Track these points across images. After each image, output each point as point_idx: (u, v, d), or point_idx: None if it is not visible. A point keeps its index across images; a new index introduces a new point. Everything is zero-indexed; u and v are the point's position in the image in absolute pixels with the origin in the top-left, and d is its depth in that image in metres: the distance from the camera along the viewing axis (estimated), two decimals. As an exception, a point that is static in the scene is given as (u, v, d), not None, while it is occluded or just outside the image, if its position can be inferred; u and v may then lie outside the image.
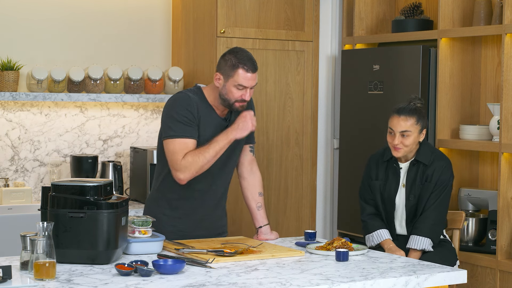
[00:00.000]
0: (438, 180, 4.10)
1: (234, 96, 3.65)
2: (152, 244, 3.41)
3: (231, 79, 3.63)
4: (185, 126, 3.61)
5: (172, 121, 3.63)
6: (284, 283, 2.93)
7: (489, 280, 4.60)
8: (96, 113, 5.24)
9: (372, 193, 4.24)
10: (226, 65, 3.65)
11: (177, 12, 5.44)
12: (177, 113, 3.63)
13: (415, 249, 4.06)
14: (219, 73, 3.67)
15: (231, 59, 3.64)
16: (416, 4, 5.21)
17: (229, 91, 3.64)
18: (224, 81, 3.65)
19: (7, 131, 4.99)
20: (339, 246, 3.52)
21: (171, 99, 3.73)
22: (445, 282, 3.18)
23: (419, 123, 4.09)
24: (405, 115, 4.08)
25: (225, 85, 3.65)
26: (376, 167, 4.23)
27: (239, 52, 3.67)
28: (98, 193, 3.17)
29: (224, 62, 3.66)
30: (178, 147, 3.60)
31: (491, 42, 4.94)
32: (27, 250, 3.03)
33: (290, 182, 5.38)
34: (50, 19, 5.11)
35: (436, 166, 4.12)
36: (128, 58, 5.34)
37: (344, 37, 5.53)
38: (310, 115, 5.42)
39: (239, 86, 3.63)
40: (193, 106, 3.65)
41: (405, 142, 4.08)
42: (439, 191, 4.10)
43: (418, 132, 4.10)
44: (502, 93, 4.51)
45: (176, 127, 3.61)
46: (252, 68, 3.65)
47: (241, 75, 3.62)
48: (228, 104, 3.68)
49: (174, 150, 3.60)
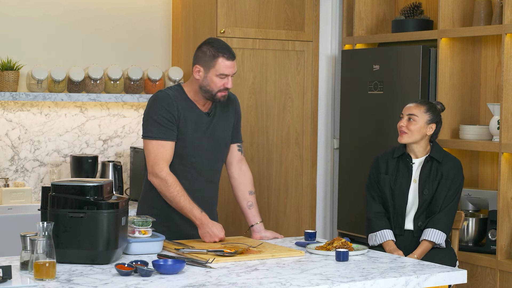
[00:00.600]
0: (454, 178, 4.17)
1: (216, 86, 3.66)
2: (152, 244, 3.41)
3: (212, 69, 3.65)
4: (162, 128, 3.64)
5: (151, 121, 3.66)
6: (284, 283, 2.93)
7: (489, 280, 4.60)
8: (96, 113, 5.24)
9: (381, 188, 4.25)
10: (205, 56, 3.66)
11: (177, 12, 5.44)
12: (156, 114, 3.65)
13: (429, 241, 4.08)
14: (198, 65, 3.68)
15: (209, 49, 3.66)
16: (416, 4, 5.21)
17: (211, 81, 3.66)
18: (204, 72, 3.67)
19: (7, 131, 4.99)
20: (339, 246, 3.52)
21: (151, 99, 3.73)
22: (445, 282, 3.18)
23: (429, 113, 4.21)
24: (417, 103, 4.26)
25: (206, 76, 3.67)
26: (386, 163, 4.28)
27: (215, 42, 3.69)
28: (98, 193, 3.17)
29: (203, 54, 3.68)
30: (155, 149, 3.65)
31: (491, 42, 4.94)
32: (27, 250, 3.03)
33: (290, 182, 5.38)
34: (50, 19, 5.11)
35: (450, 165, 4.20)
36: (128, 58, 5.34)
37: (344, 37, 5.53)
38: (310, 115, 5.42)
39: (221, 75, 3.65)
40: (173, 104, 3.66)
41: (410, 126, 4.18)
42: (455, 190, 4.18)
43: (426, 123, 4.18)
44: (502, 93, 4.51)
45: (154, 128, 3.64)
46: (231, 56, 3.67)
47: (222, 64, 3.64)
48: (211, 95, 3.69)
49: (150, 151, 3.66)
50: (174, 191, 3.64)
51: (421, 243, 4.12)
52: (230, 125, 3.86)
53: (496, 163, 4.91)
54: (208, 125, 3.76)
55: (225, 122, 3.84)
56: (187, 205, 3.64)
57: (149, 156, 3.67)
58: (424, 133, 4.19)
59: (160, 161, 3.64)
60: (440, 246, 4.13)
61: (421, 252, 4.09)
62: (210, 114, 3.77)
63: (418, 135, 4.18)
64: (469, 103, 4.99)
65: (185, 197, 3.65)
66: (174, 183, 3.64)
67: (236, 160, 3.94)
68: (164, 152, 3.65)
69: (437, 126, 4.22)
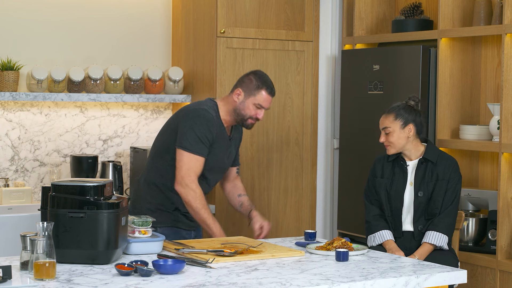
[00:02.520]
0: (450, 178, 4.14)
1: (250, 113, 3.98)
2: (152, 244, 3.41)
3: (253, 97, 3.97)
4: (201, 145, 3.89)
5: (193, 135, 3.89)
6: (284, 283, 2.93)
7: (489, 280, 4.60)
8: (96, 113, 5.24)
9: (377, 191, 4.25)
10: (250, 84, 3.98)
11: (177, 12, 5.44)
12: (199, 130, 3.90)
13: (430, 243, 4.07)
14: (240, 89, 3.98)
15: (256, 79, 3.98)
16: (416, 4, 5.21)
17: (247, 108, 3.97)
18: (244, 97, 3.96)
19: (7, 131, 4.99)
20: (339, 246, 3.52)
21: (194, 113, 3.95)
22: (445, 282, 3.19)
23: (399, 119, 4.16)
24: (386, 113, 4.23)
25: (244, 101, 3.97)
26: (381, 166, 4.27)
27: (263, 75, 4.02)
28: (98, 193, 3.17)
29: (249, 81, 3.99)
30: (190, 162, 3.88)
31: (491, 42, 4.94)
32: (27, 250, 3.03)
33: (290, 182, 5.38)
34: (50, 19, 5.11)
35: (446, 165, 4.17)
36: (128, 58, 5.34)
37: (344, 37, 5.53)
38: (310, 115, 5.42)
39: (258, 105, 3.97)
40: (214, 127, 3.93)
41: (389, 139, 4.18)
42: (453, 190, 4.15)
43: (400, 128, 4.15)
44: (502, 93, 4.51)
45: (195, 143, 3.88)
46: (273, 92, 4.01)
47: (263, 96, 3.98)
48: (242, 119, 4.00)
49: (184, 162, 3.89)
50: (200, 204, 3.88)
51: (422, 245, 4.11)
52: (236, 151, 4.21)
53: (496, 163, 4.91)
54: (227, 148, 4.07)
55: (235, 147, 4.17)
56: (210, 220, 3.91)
57: (182, 166, 3.89)
58: (405, 136, 4.17)
59: (192, 173, 3.88)
60: (443, 248, 4.12)
61: (421, 253, 4.08)
62: (231, 139, 4.08)
63: (400, 142, 4.18)
64: (469, 103, 4.99)
65: (209, 212, 3.92)
66: (201, 196, 3.90)
67: (232, 179, 4.29)
68: (198, 166, 3.91)
69: (416, 123, 4.20)
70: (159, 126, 5.45)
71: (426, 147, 4.22)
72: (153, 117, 5.43)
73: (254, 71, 4.05)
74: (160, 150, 4.06)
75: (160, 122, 5.44)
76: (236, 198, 4.25)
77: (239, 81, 4.03)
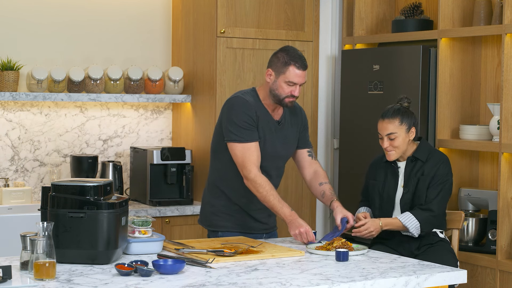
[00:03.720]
0: (435, 175, 4.11)
1: (284, 92, 3.83)
2: (152, 244, 3.41)
3: (282, 75, 3.81)
4: (245, 131, 3.80)
5: (233, 126, 3.80)
6: (284, 283, 2.93)
7: (489, 280, 4.60)
8: (96, 113, 5.24)
9: (370, 193, 4.25)
10: (278, 62, 3.83)
11: (177, 12, 5.44)
12: (237, 118, 3.81)
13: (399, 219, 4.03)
14: (270, 69, 3.85)
15: (283, 56, 3.83)
16: (416, 4, 5.21)
17: (280, 87, 3.82)
18: (275, 77, 3.84)
19: (7, 131, 4.99)
20: (339, 246, 3.52)
21: (229, 104, 3.88)
22: (445, 282, 3.19)
23: (404, 123, 4.11)
24: (388, 117, 4.13)
25: (276, 81, 3.84)
26: (375, 169, 4.27)
27: (290, 50, 3.85)
28: (98, 193, 3.17)
29: (277, 59, 3.84)
30: (241, 152, 3.79)
31: (491, 42, 4.94)
32: (27, 250, 3.03)
33: (290, 182, 5.38)
34: (50, 19, 5.11)
35: (432, 162, 4.13)
36: (128, 58, 5.34)
37: (344, 37, 5.53)
38: (310, 115, 5.42)
39: (290, 83, 3.82)
40: (251, 109, 3.83)
41: (394, 144, 4.11)
42: (437, 186, 4.10)
43: (405, 132, 4.12)
44: (502, 93, 4.51)
45: (238, 131, 3.80)
46: (303, 66, 3.83)
47: (292, 72, 3.81)
48: (278, 99, 3.85)
49: (237, 155, 3.80)
50: (264, 190, 3.78)
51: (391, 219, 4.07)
52: (296, 135, 4.03)
53: (496, 163, 4.91)
54: (278, 133, 3.93)
55: (292, 132, 4.01)
56: (277, 204, 3.79)
57: (237, 160, 3.82)
58: (408, 140, 4.16)
59: (247, 164, 3.79)
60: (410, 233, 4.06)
61: (386, 222, 4.03)
62: (280, 123, 3.94)
63: (404, 146, 4.14)
64: (469, 103, 4.99)
65: (275, 196, 3.80)
66: (264, 182, 3.78)
67: (308, 163, 4.09)
68: (250, 154, 3.80)
69: (416, 125, 4.17)
70: (159, 126, 5.45)
71: (418, 145, 4.20)
72: (153, 117, 5.43)
73: (283, 47, 3.89)
74: (215, 150, 3.97)
75: (160, 122, 5.44)
76: (317, 187, 4.05)
77: (269, 61, 3.90)
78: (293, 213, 3.78)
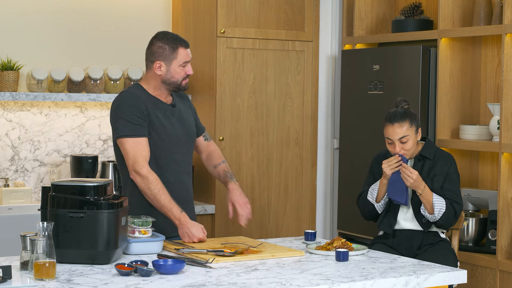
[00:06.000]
0: (447, 175, 4.13)
1: (180, 75, 3.83)
2: (152, 244, 3.41)
3: (175, 61, 3.80)
4: (135, 126, 3.70)
5: (121, 121, 3.71)
6: (284, 283, 2.93)
7: (489, 280, 4.60)
8: (96, 113, 5.24)
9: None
10: (164, 51, 3.81)
11: (177, 12, 5.44)
12: (125, 113, 3.72)
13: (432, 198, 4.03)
14: (158, 61, 3.80)
15: (166, 43, 3.81)
16: (416, 4, 5.21)
17: (176, 72, 3.81)
18: (166, 66, 3.81)
19: (7, 131, 4.99)
20: (339, 246, 3.52)
21: (115, 101, 3.81)
22: (445, 282, 3.19)
23: (413, 124, 4.12)
24: (398, 121, 4.10)
25: (169, 70, 3.81)
26: (379, 164, 4.25)
27: (168, 35, 3.85)
28: (98, 193, 3.17)
29: (161, 50, 3.81)
30: (132, 147, 3.69)
31: (491, 42, 4.94)
32: (27, 250, 3.03)
33: (290, 182, 5.38)
34: (50, 19, 5.11)
35: (443, 161, 4.15)
36: (128, 58, 5.34)
37: (344, 37, 5.53)
38: (310, 115, 5.42)
39: (183, 63, 3.81)
40: (140, 102, 3.75)
41: (406, 147, 4.10)
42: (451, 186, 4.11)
43: (415, 133, 4.13)
44: (502, 93, 4.51)
45: (126, 127, 3.70)
46: (187, 43, 3.85)
47: (182, 53, 3.81)
48: (176, 85, 3.84)
49: (128, 150, 3.70)
50: (155, 188, 3.66)
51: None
52: (192, 117, 3.99)
53: (496, 163, 4.92)
54: (176, 114, 3.87)
55: (187, 112, 3.96)
56: (167, 204, 3.66)
57: (127, 155, 3.70)
58: (416, 141, 4.17)
59: (139, 159, 3.67)
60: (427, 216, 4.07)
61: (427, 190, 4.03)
62: (174, 105, 3.89)
63: (414, 147, 4.15)
64: (469, 103, 4.99)
65: (166, 195, 3.67)
66: (155, 180, 3.67)
67: (204, 147, 4.10)
68: (141, 149, 3.69)
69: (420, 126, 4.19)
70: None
71: (424, 144, 4.22)
72: (153, 117, 5.43)
73: (156, 35, 3.85)
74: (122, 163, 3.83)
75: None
76: (213, 170, 4.05)
77: (150, 54, 3.82)
78: (183, 215, 3.66)
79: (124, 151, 3.71)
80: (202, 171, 5.15)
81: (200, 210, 4.98)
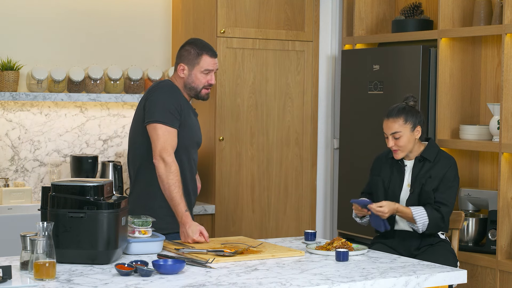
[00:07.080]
0: (443, 177, 4.12)
1: (201, 82, 3.90)
2: (152, 244, 3.41)
3: (197, 66, 3.90)
4: (171, 115, 3.79)
5: (161, 107, 3.79)
6: (284, 283, 2.93)
7: (489, 280, 4.60)
8: (96, 113, 5.24)
9: (375, 189, 4.24)
10: (190, 55, 3.89)
11: (177, 12, 5.44)
12: (166, 101, 3.81)
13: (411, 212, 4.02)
14: (183, 63, 3.90)
15: (193, 48, 3.90)
16: (416, 4, 5.21)
17: (196, 78, 3.91)
18: (189, 70, 3.90)
19: (7, 131, 4.99)
20: (339, 246, 3.52)
21: (157, 86, 3.89)
22: (445, 282, 3.19)
23: (409, 122, 4.12)
24: (392, 117, 4.14)
25: (190, 74, 3.90)
26: (380, 165, 4.27)
27: (198, 41, 3.94)
28: (98, 193, 3.17)
29: (187, 53, 3.91)
30: (165, 134, 3.77)
31: (491, 42, 4.94)
32: (27, 250, 3.03)
33: (290, 182, 5.38)
34: (50, 19, 5.11)
35: (442, 164, 4.14)
36: (128, 58, 5.34)
37: (344, 37, 5.53)
38: (310, 115, 5.42)
39: (205, 71, 3.90)
40: (180, 96, 3.87)
41: (399, 143, 4.12)
42: (445, 190, 4.10)
43: (410, 131, 4.12)
44: (502, 93, 4.51)
45: (163, 114, 3.78)
46: (214, 53, 3.94)
47: (206, 61, 3.90)
48: (195, 92, 3.93)
49: (160, 136, 3.77)
50: (173, 179, 3.73)
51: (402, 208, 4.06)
52: None
53: (496, 163, 4.92)
54: (196, 121, 4.01)
55: None
56: (177, 198, 3.73)
57: (158, 140, 3.76)
58: (414, 139, 4.16)
59: (168, 147, 3.76)
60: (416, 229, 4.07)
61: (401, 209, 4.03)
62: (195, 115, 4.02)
63: (410, 145, 4.15)
64: (469, 103, 4.99)
65: (179, 190, 3.74)
66: (176, 171, 3.75)
67: None
68: (172, 139, 3.79)
69: (421, 124, 4.18)
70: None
71: (427, 145, 4.21)
72: (153, 117, 5.43)
73: (189, 40, 3.97)
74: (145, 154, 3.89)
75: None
76: None
77: (177, 56, 3.94)
78: (187, 214, 3.71)
79: (155, 136, 3.77)
80: (202, 171, 5.15)
81: (200, 210, 4.98)
